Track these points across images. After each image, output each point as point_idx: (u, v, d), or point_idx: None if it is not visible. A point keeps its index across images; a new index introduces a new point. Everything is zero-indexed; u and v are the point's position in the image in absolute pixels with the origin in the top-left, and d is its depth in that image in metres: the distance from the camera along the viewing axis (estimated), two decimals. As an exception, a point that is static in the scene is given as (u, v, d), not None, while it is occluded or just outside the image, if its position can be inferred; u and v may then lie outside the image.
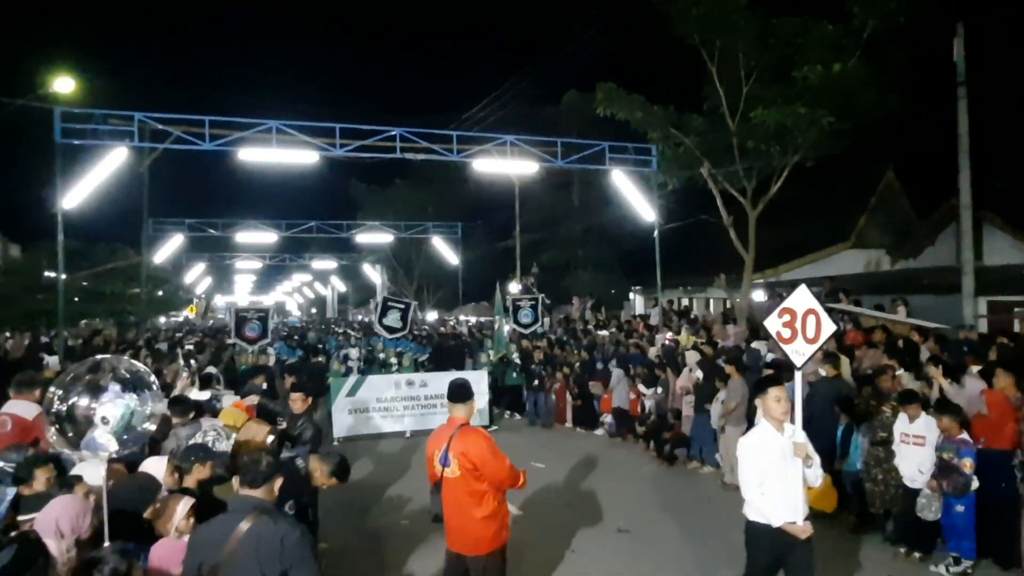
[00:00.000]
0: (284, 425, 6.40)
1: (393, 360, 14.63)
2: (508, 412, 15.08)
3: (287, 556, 2.92)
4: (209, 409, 6.94)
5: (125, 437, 3.35)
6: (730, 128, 13.53)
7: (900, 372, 7.57)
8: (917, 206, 20.62)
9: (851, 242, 19.65)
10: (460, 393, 4.52)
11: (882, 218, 20.15)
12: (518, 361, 15.07)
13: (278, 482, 3.25)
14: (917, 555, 6.38)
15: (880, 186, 20.30)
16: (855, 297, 13.11)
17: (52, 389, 3.39)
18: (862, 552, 6.68)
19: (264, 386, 9.25)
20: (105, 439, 3.29)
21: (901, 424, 6.57)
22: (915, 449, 6.38)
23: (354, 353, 18.87)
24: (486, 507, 4.34)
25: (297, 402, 6.65)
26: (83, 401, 3.30)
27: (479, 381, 12.88)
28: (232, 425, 5.84)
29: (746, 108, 13.07)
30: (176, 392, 7.92)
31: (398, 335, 15.26)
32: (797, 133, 12.48)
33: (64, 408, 3.29)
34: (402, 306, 15.23)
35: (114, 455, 3.45)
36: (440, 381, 12.55)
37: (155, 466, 4.15)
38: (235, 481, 3.32)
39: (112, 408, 3.33)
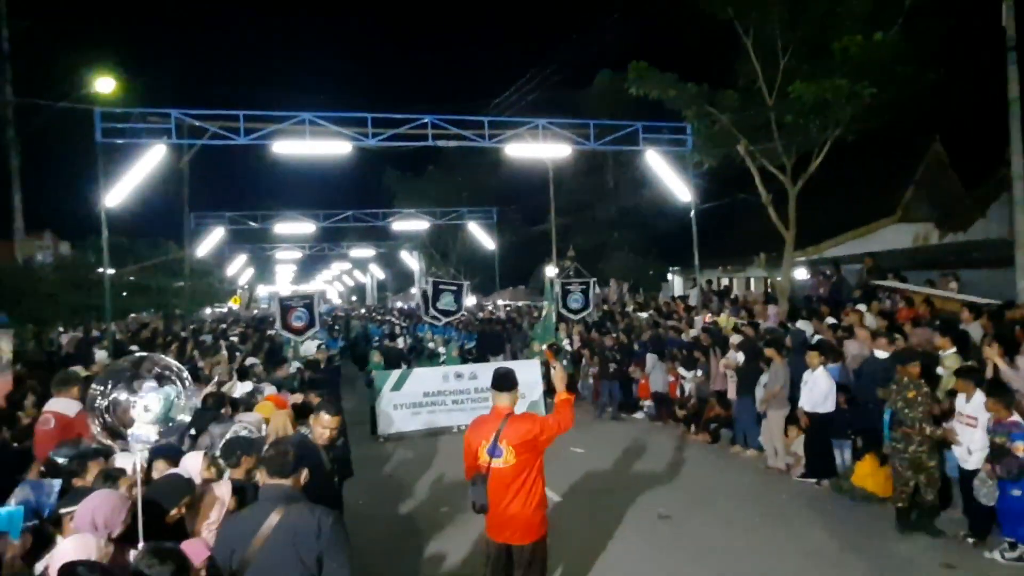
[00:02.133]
0: None
1: (441, 350, 14.02)
2: None
3: (323, 540, 2.98)
4: (245, 403, 7.08)
5: (161, 429, 3.45)
6: (767, 103, 13.17)
7: (950, 352, 7.31)
8: (965, 177, 19.79)
9: (896, 216, 19.02)
10: (505, 382, 4.52)
11: (929, 191, 19.42)
12: (569, 348, 14.16)
13: (303, 473, 3.32)
14: (971, 540, 6.19)
15: (926, 158, 19.54)
16: (901, 273, 12.70)
17: (94, 385, 3.50)
18: (915, 537, 6.51)
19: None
20: (146, 430, 3.39)
21: (959, 403, 6.39)
22: (967, 429, 6.18)
23: (399, 343, 18.50)
24: (536, 495, 4.36)
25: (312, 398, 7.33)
26: (123, 395, 3.41)
27: (532, 370, 12.34)
28: (267, 418, 5.97)
29: (783, 82, 12.66)
30: (212, 385, 8.07)
31: (452, 318, 14.71)
32: (837, 106, 12.05)
33: (106, 403, 3.40)
34: (454, 287, 14.74)
35: (153, 445, 3.56)
36: (489, 372, 11.99)
37: (192, 461, 4.23)
38: (261, 472, 3.37)
39: (154, 398, 3.43)
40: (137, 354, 3.82)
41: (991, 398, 5.88)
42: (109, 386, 3.42)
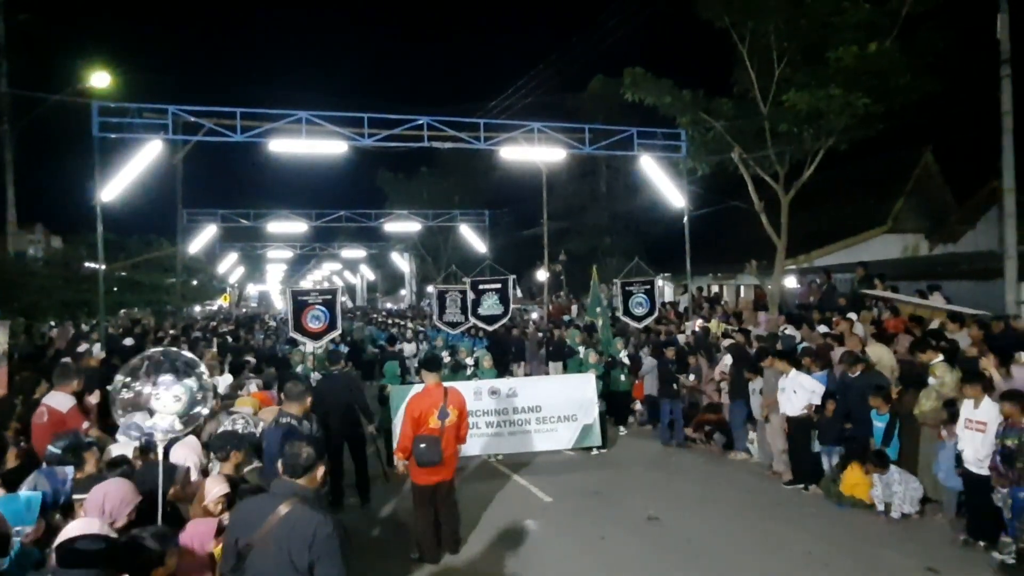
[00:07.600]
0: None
1: (468, 360, 11.44)
2: (622, 427, 12.02)
3: (317, 547, 2.97)
4: (228, 398, 7.20)
5: (185, 419, 3.57)
6: (761, 112, 13.29)
7: (938, 361, 7.40)
8: (956, 189, 20.05)
9: (887, 227, 19.21)
10: (435, 364, 6.41)
11: (919, 202, 19.65)
12: (627, 361, 12.03)
13: (320, 471, 3.31)
14: (982, 544, 6.26)
15: (917, 169, 19.75)
16: (891, 283, 12.85)
17: (118, 377, 3.59)
18: (901, 542, 6.61)
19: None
20: (170, 421, 3.49)
21: (966, 410, 6.45)
22: (976, 435, 6.25)
23: (409, 349, 16.62)
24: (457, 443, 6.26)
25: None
26: (146, 388, 3.52)
27: (586, 387, 10.28)
28: (256, 412, 6.05)
29: (778, 91, 12.81)
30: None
31: (499, 324, 12.55)
32: (831, 116, 12.20)
33: (130, 395, 3.50)
34: (498, 285, 12.07)
35: (177, 435, 3.67)
36: (532, 389, 10.23)
37: (183, 451, 4.26)
38: (279, 467, 3.40)
39: (179, 390, 3.55)
40: (157, 349, 3.92)
41: (1009, 402, 5.95)
42: (134, 379, 3.52)
